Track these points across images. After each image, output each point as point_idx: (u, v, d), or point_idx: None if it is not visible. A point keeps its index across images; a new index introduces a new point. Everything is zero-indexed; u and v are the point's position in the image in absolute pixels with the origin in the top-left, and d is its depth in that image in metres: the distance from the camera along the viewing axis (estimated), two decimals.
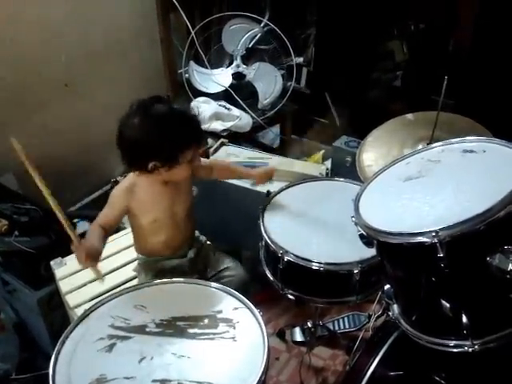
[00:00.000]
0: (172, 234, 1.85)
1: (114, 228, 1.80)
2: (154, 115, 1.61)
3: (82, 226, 2.78)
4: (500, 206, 1.15)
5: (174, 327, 1.47)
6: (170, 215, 1.81)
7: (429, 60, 3.14)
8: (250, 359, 1.36)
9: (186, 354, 1.39)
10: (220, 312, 1.52)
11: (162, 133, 1.59)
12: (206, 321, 1.49)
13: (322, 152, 3.40)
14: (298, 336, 2.41)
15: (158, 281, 1.67)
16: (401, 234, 1.25)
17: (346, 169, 2.69)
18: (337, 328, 2.45)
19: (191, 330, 1.46)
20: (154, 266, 1.88)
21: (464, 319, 1.25)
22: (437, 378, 1.46)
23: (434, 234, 1.17)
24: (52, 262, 2.18)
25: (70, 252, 2.25)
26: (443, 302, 1.29)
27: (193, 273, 1.88)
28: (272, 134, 3.58)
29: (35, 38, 2.60)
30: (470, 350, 1.28)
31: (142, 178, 1.72)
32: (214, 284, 1.62)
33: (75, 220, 2.73)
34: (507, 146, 1.37)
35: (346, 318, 2.49)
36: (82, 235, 2.70)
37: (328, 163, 3.00)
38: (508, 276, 1.17)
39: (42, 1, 2.58)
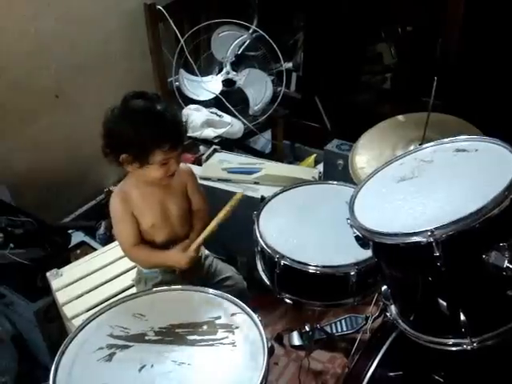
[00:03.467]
0: (168, 236, 1.83)
1: (141, 238, 1.79)
2: (130, 109, 1.62)
3: (77, 236, 2.78)
4: (493, 204, 1.16)
5: (174, 335, 1.48)
6: (164, 217, 1.80)
7: (417, 62, 3.16)
8: (250, 364, 1.37)
9: (186, 360, 1.39)
10: (218, 318, 1.52)
11: (132, 127, 1.59)
12: (205, 327, 1.49)
13: (314, 156, 3.40)
14: (296, 340, 2.41)
15: (156, 289, 1.67)
16: (396, 235, 1.26)
17: (338, 172, 2.69)
18: (334, 331, 2.45)
19: (190, 337, 1.46)
20: (156, 276, 1.86)
21: (462, 317, 1.26)
22: (436, 377, 1.47)
23: (429, 233, 1.18)
24: (48, 274, 2.18)
25: (65, 263, 2.28)
26: (441, 300, 1.30)
27: (192, 283, 1.87)
28: (264, 140, 3.59)
29: (25, 50, 2.59)
30: (469, 347, 1.29)
31: (128, 185, 1.76)
32: (211, 290, 1.62)
33: (70, 231, 2.73)
34: (499, 145, 1.38)
35: (343, 321, 2.49)
36: (77, 246, 2.73)
37: (320, 167, 3.01)
38: (504, 273, 1.18)
39: (31, 13, 2.58)
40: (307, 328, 2.27)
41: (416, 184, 1.42)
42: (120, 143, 1.63)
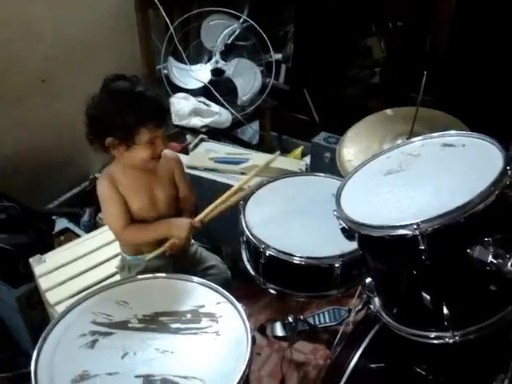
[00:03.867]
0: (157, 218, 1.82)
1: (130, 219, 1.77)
2: (110, 91, 1.62)
3: (61, 222, 2.76)
4: (479, 199, 1.16)
5: (157, 322, 1.47)
6: (151, 203, 1.79)
7: (406, 57, 3.17)
8: (233, 353, 1.37)
9: (169, 349, 1.39)
10: (202, 307, 1.52)
11: (115, 109, 1.59)
12: (189, 316, 1.49)
13: (301, 148, 3.40)
14: (279, 331, 2.42)
15: (140, 276, 1.66)
16: (382, 227, 1.26)
17: (325, 165, 2.70)
18: (317, 322, 2.46)
19: (174, 325, 1.46)
20: (140, 264, 1.85)
21: (445, 311, 1.27)
22: (418, 370, 1.48)
23: (415, 226, 1.18)
24: (31, 260, 2.16)
25: (49, 249, 2.26)
26: (424, 294, 1.30)
27: (177, 271, 1.87)
28: (251, 131, 3.58)
29: (12, 33, 2.56)
30: (451, 341, 1.29)
31: (115, 169, 1.75)
32: (195, 279, 1.62)
33: (54, 217, 2.71)
34: (486, 140, 1.38)
35: (326, 313, 2.50)
36: (61, 233, 2.71)
37: (307, 159, 3.01)
38: (488, 268, 1.19)
39: None
40: (290, 319, 2.27)
41: (403, 177, 1.43)
42: (104, 127, 1.62)
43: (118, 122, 1.59)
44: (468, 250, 1.20)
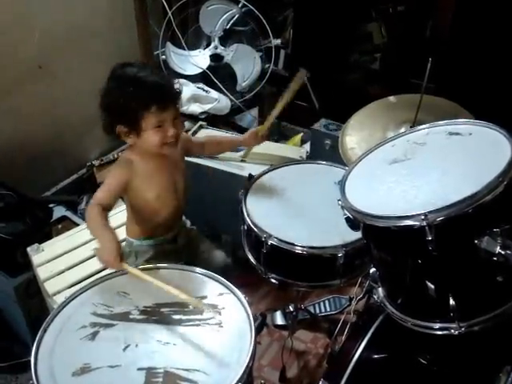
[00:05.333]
0: (173, 209, 1.82)
1: (112, 207, 1.69)
2: (117, 78, 1.63)
3: (58, 211, 2.74)
4: (487, 190, 1.14)
5: (159, 314, 1.45)
6: (173, 190, 1.79)
7: (407, 43, 3.13)
8: (236, 345, 1.35)
9: (171, 340, 1.37)
10: (205, 298, 1.49)
11: (120, 96, 1.59)
12: (191, 307, 1.47)
13: (301, 135, 3.38)
14: (280, 320, 2.40)
15: (141, 267, 1.64)
16: (388, 218, 1.24)
17: (325, 152, 2.68)
18: (318, 311, 2.45)
19: (176, 317, 1.44)
20: (148, 250, 1.84)
21: (451, 302, 1.25)
22: (422, 361, 1.47)
23: (422, 217, 1.16)
24: (29, 249, 2.13)
25: (47, 238, 2.23)
26: (429, 284, 1.29)
27: (182, 259, 1.85)
28: (250, 117, 3.55)
29: (8, 18, 2.52)
30: (456, 332, 1.28)
31: (131, 154, 1.72)
32: (198, 269, 1.59)
33: (51, 205, 2.68)
34: (493, 129, 1.36)
35: (326, 302, 2.49)
36: (58, 221, 2.68)
37: (307, 146, 2.98)
38: (495, 258, 1.17)
39: None
40: (291, 308, 2.26)
41: (408, 167, 1.40)
42: (114, 115, 1.62)
43: (124, 109, 1.59)
44: (476, 241, 1.19)
